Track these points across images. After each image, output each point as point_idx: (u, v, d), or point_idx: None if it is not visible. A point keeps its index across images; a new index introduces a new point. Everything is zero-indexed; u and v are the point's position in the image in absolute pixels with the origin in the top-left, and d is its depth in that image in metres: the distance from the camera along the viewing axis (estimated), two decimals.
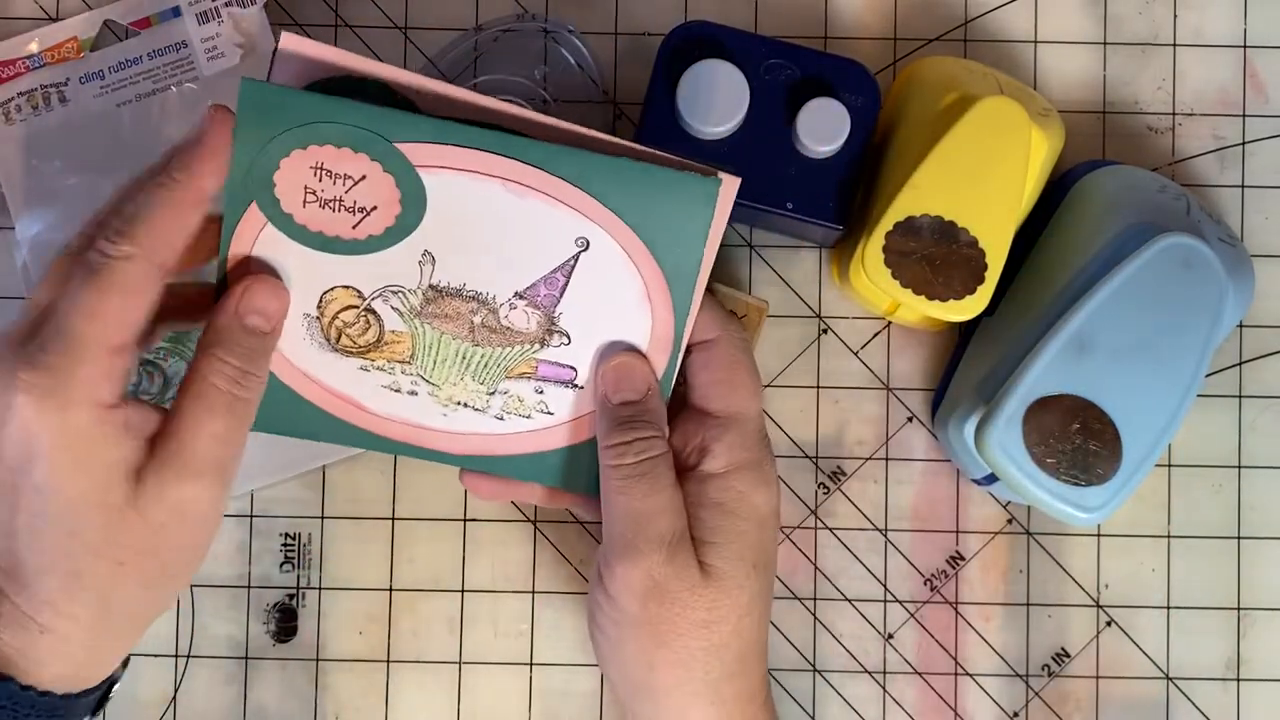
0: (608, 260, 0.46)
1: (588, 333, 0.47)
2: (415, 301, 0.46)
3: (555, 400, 0.48)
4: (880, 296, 0.52)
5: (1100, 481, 0.48)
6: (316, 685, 0.56)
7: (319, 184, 0.44)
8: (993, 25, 0.58)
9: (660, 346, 0.47)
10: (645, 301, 0.47)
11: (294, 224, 0.45)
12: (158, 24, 0.57)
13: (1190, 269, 0.49)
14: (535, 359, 0.48)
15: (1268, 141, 0.57)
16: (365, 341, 0.47)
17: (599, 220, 0.45)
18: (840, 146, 0.51)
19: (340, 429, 0.48)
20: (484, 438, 0.49)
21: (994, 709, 0.56)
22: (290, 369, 0.47)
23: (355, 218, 0.45)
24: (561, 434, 0.49)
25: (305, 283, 0.46)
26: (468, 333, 0.47)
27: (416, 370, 0.48)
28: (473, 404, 0.48)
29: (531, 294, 0.46)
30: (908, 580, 0.56)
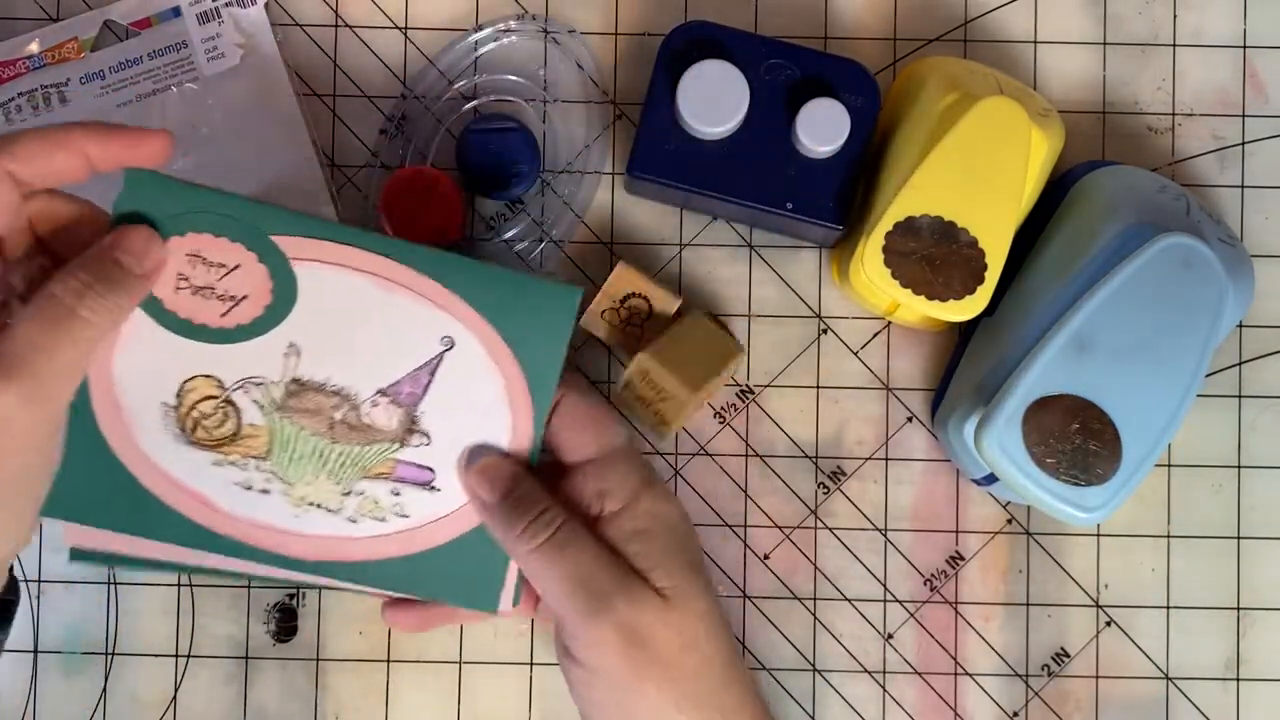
0: (471, 360, 0.47)
1: (448, 433, 0.48)
2: (277, 394, 0.47)
3: (412, 503, 0.48)
4: (880, 296, 0.52)
5: (1100, 481, 0.48)
6: (316, 685, 0.56)
7: (193, 270, 0.45)
8: (993, 25, 0.58)
9: (520, 446, 0.48)
10: (505, 402, 0.47)
11: (163, 309, 0.45)
12: (158, 24, 0.57)
13: (1190, 269, 0.49)
14: (394, 459, 0.47)
15: (1267, 141, 0.57)
16: (221, 434, 0.47)
17: (465, 320, 0.47)
18: (840, 146, 0.51)
19: (186, 529, 0.47)
20: (336, 540, 0.48)
21: (994, 709, 0.56)
22: (139, 458, 0.46)
23: (225, 305, 0.45)
24: (418, 538, 0.48)
25: (166, 371, 0.46)
26: (327, 429, 0.47)
27: (271, 467, 0.47)
28: (326, 504, 0.47)
29: (395, 391, 0.47)
30: (908, 580, 0.56)
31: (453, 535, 0.48)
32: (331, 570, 0.48)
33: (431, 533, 0.48)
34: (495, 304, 0.47)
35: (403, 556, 0.48)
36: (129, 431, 0.46)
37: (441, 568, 0.48)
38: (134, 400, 0.46)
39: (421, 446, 0.47)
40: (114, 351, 0.45)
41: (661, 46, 0.52)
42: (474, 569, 0.48)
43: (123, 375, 0.45)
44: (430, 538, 0.48)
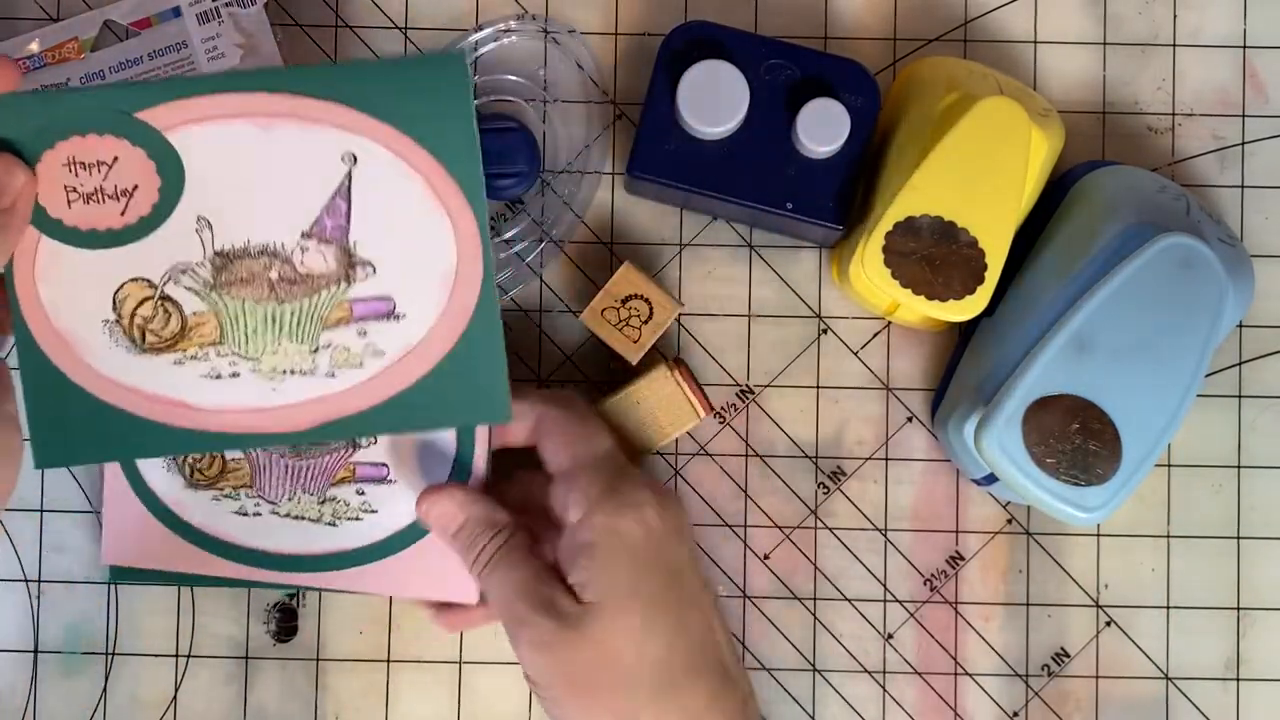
0: (382, 169, 0.44)
1: (392, 256, 0.45)
2: (206, 274, 0.45)
3: (383, 338, 0.46)
4: (880, 296, 0.52)
5: (1100, 481, 0.48)
6: (316, 685, 0.56)
7: (76, 179, 0.44)
8: (993, 25, 0.58)
9: (467, 239, 0.45)
10: (433, 199, 0.45)
11: (64, 228, 0.44)
12: (158, 24, 0.57)
13: (1190, 269, 0.49)
14: (347, 299, 0.45)
15: (1267, 141, 0.57)
16: (170, 333, 0.46)
17: (358, 128, 0.44)
18: (840, 147, 0.51)
19: (174, 437, 0.46)
20: (323, 401, 0.46)
21: (994, 709, 0.56)
22: (105, 383, 0.45)
23: (121, 203, 0.44)
24: (403, 371, 0.46)
25: (95, 287, 0.45)
26: (269, 292, 0.45)
27: (230, 348, 0.46)
28: (298, 368, 0.46)
29: (319, 230, 0.45)
30: (907, 580, 0.56)
31: (436, 359, 0.46)
32: (328, 431, 0.46)
33: (414, 363, 0.46)
34: (381, 100, 0.44)
35: (395, 396, 0.46)
36: (83, 359, 0.45)
37: (438, 394, 0.46)
38: (75, 327, 0.45)
39: (369, 278, 0.45)
40: (37, 286, 0.44)
41: (661, 46, 0.52)
42: (472, 384, 0.46)
43: (53, 306, 0.45)
44: (414, 368, 0.46)
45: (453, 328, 0.46)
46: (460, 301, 0.45)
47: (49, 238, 0.44)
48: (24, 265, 0.44)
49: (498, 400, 0.46)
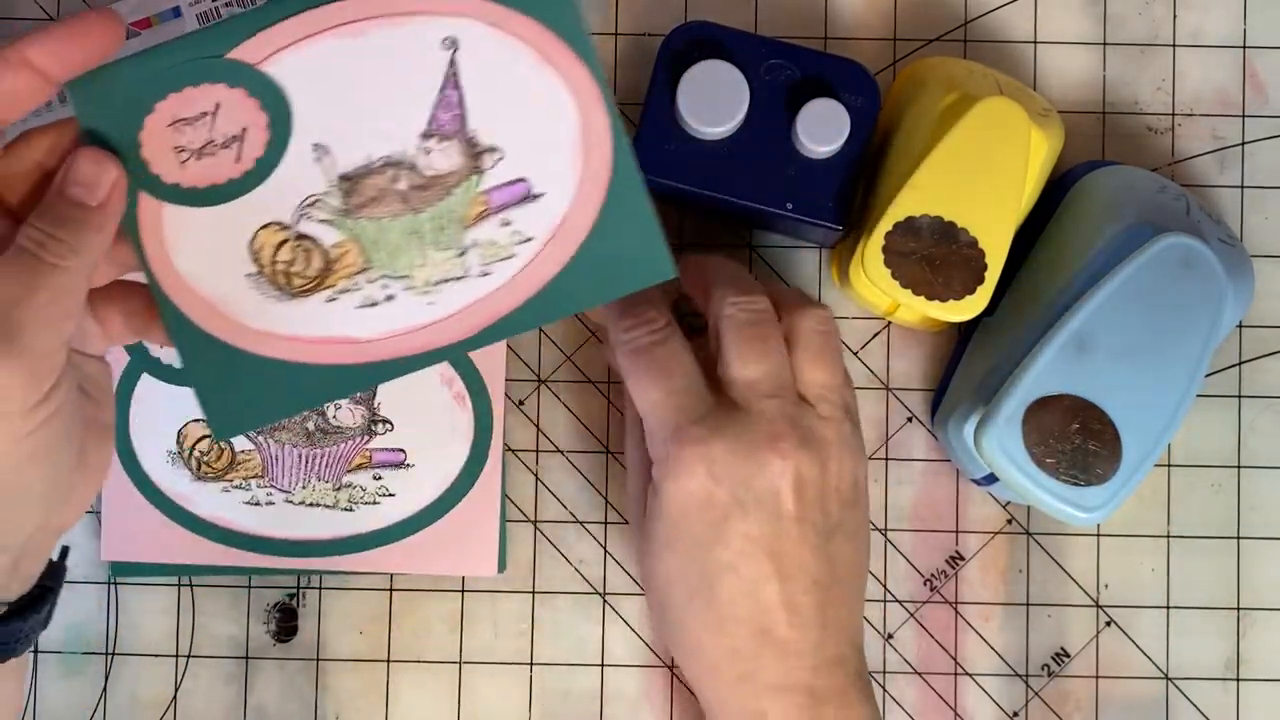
0: (485, 47, 0.42)
1: (515, 135, 0.43)
2: (336, 202, 0.43)
3: (526, 222, 0.43)
4: (880, 296, 0.52)
5: (1100, 481, 0.48)
6: (316, 685, 0.56)
7: (184, 138, 0.42)
8: (993, 25, 0.58)
9: (586, 96, 0.43)
10: (543, 64, 0.42)
11: (184, 190, 0.42)
12: (158, 24, 0.57)
13: (1190, 269, 0.49)
14: (481, 192, 0.43)
15: (1267, 141, 0.57)
16: (314, 271, 0.44)
17: (450, 9, 0.42)
18: (840, 147, 0.51)
19: (346, 376, 0.44)
20: (483, 302, 0.44)
21: (994, 709, 0.56)
22: (264, 338, 0.44)
23: (233, 150, 0.42)
24: (557, 250, 0.44)
25: (229, 243, 0.43)
26: (402, 205, 0.43)
27: (379, 272, 0.44)
28: (451, 275, 0.43)
29: (436, 127, 0.43)
30: (908, 580, 0.56)
31: (587, 229, 0.43)
32: (496, 332, 0.44)
33: (565, 238, 0.43)
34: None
35: (554, 279, 0.44)
36: (236, 320, 0.43)
37: (596, 265, 0.43)
38: (219, 290, 0.43)
39: (499, 164, 0.43)
40: (172, 259, 0.43)
41: (661, 46, 0.52)
42: (628, 245, 0.43)
43: (193, 275, 0.43)
44: (567, 244, 0.43)
45: (594, 192, 0.43)
46: (595, 164, 0.43)
47: (171, 204, 0.42)
48: (154, 243, 0.43)
49: (658, 256, 0.43)
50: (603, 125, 0.43)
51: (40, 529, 0.42)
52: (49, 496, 0.42)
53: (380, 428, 0.54)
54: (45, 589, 0.44)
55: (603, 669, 0.56)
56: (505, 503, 0.56)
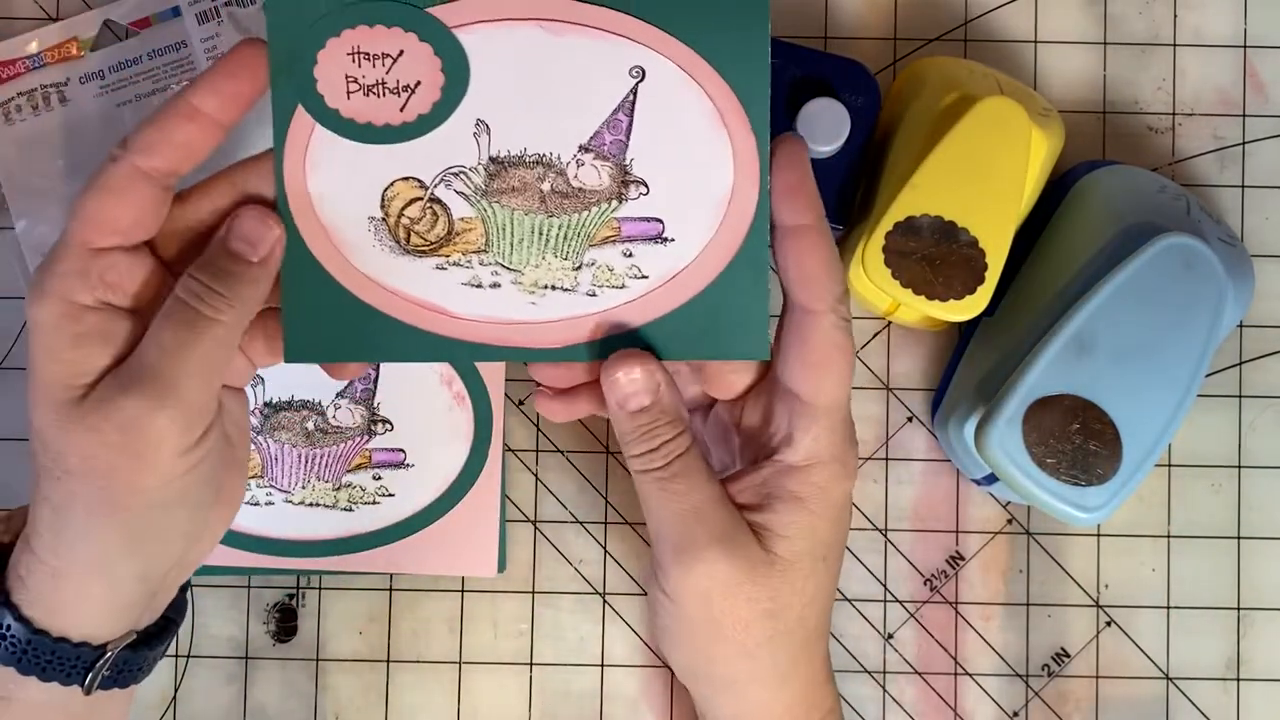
0: (669, 86, 0.43)
1: (667, 177, 0.43)
2: (479, 180, 0.43)
3: (648, 261, 0.44)
4: (880, 296, 0.52)
5: (1100, 481, 0.48)
6: (316, 685, 0.56)
7: (359, 70, 0.42)
8: (993, 25, 0.58)
9: (746, 171, 0.43)
10: (719, 125, 0.43)
11: (341, 119, 0.43)
12: (158, 24, 0.57)
13: (1190, 269, 0.49)
14: (616, 218, 0.44)
15: (1268, 141, 0.57)
16: (436, 236, 0.44)
17: (650, 43, 0.43)
18: (840, 146, 0.51)
19: (428, 343, 0.44)
20: (580, 320, 0.44)
21: (994, 709, 0.56)
22: (365, 282, 0.44)
23: (401, 99, 0.43)
24: (665, 296, 0.44)
25: (363, 183, 0.43)
26: (539, 204, 0.44)
27: (494, 258, 0.44)
28: (560, 284, 0.44)
29: (597, 144, 0.43)
30: (908, 580, 0.56)
31: (700, 286, 0.44)
32: (582, 352, 0.45)
33: (677, 288, 0.44)
34: (677, 15, 0.42)
35: (654, 320, 0.44)
36: (345, 256, 0.44)
37: (698, 323, 0.44)
38: (340, 222, 0.44)
39: (641, 198, 0.44)
40: (306, 176, 0.43)
41: None
42: (733, 316, 0.44)
43: (322, 199, 0.43)
44: (676, 294, 0.44)
45: (721, 256, 0.44)
46: (731, 230, 0.44)
47: (324, 128, 0.43)
48: (295, 154, 0.43)
49: (756, 335, 0.44)
50: (751, 198, 0.43)
51: (178, 564, 0.44)
52: (190, 533, 0.43)
53: (380, 428, 0.55)
54: (169, 620, 0.46)
55: (603, 669, 0.56)
56: (505, 503, 0.56)
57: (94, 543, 0.41)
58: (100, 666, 0.42)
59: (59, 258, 0.41)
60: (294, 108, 0.42)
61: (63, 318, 0.41)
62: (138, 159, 0.41)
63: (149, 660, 0.45)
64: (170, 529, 0.42)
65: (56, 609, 0.41)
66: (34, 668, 0.41)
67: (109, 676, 0.43)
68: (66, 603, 0.41)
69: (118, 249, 0.41)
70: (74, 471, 0.40)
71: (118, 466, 0.40)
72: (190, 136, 0.41)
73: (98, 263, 0.41)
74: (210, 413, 0.42)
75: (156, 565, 0.43)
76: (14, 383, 0.57)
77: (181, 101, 0.41)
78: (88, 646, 0.42)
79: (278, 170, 0.43)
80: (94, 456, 0.40)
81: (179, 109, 0.41)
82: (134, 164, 0.41)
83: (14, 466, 0.57)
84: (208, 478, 0.42)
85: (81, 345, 0.41)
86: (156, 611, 0.45)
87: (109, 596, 0.42)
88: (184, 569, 0.45)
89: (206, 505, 0.43)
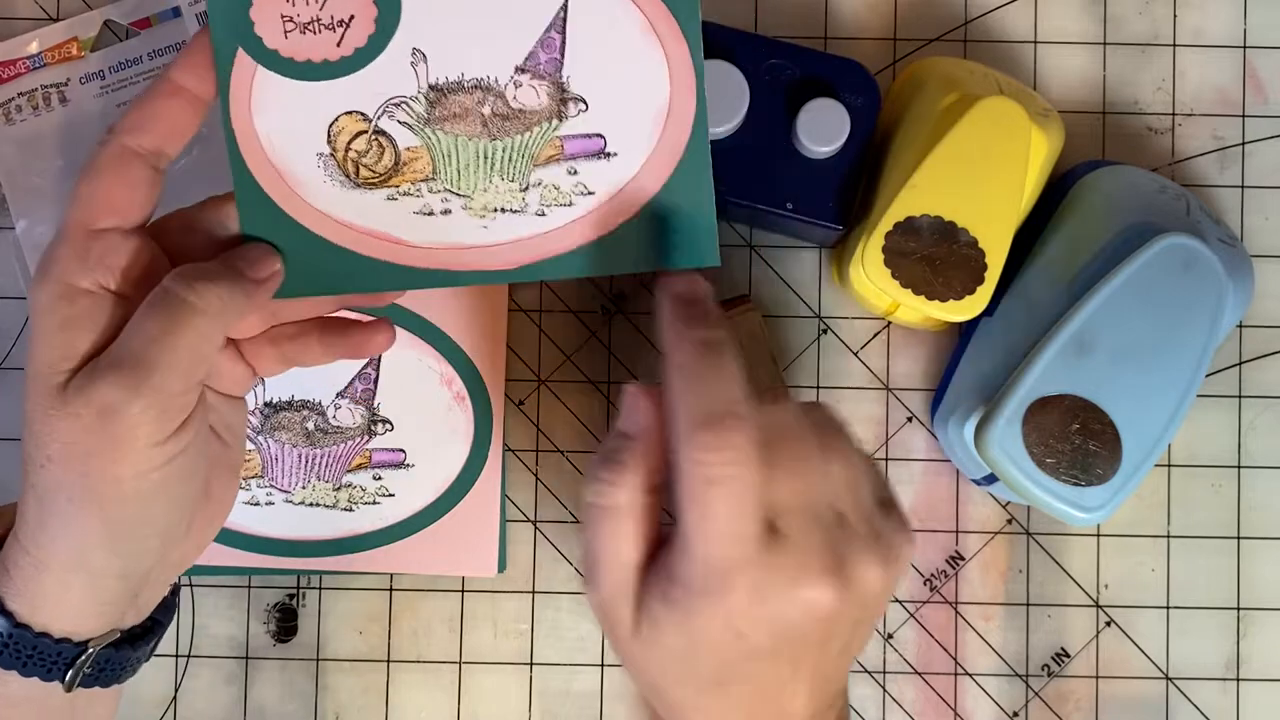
0: (598, 2, 0.43)
1: (604, 92, 0.44)
2: (420, 109, 0.44)
3: (593, 177, 0.45)
4: (880, 296, 0.52)
5: (1100, 481, 0.48)
6: (316, 685, 0.56)
7: (293, 9, 0.43)
8: (993, 25, 0.58)
9: (681, 75, 0.44)
10: (651, 35, 0.43)
11: (280, 58, 0.43)
12: (158, 24, 0.57)
13: (1190, 269, 0.49)
14: (558, 136, 0.45)
15: (1268, 141, 0.57)
16: (384, 167, 0.45)
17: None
18: (840, 147, 0.51)
19: (386, 273, 0.45)
20: (531, 240, 0.45)
21: (994, 709, 0.56)
22: (320, 217, 0.45)
23: (337, 34, 0.43)
24: (612, 211, 0.45)
25: (308, 120, 0.44)
26: (481, 128, 0.44)
27: (443, 185, 0.45)
28: (509, 206, 0.45)
29: (532, 64, 0.44)
30: (908, 580, 0.56)
31: (644, 199, 0.45)
32: (537, 270, 0.45)
33: (623, 202, 0.45)
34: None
35: (603, 235, 0.45)
36: (297, 193, 0.44)
37: (646, 235, 0.45)
38: (290, 160, 0.44)
39: (581, 115, 0.44)
40: (253, 118, 0.44)
41: None
42: (681, 224, 0.45)
43: (268, 139, 0.44)
44: (623, 207, 0.45)
45: (663, 166, 0.45)
46: (671, 140, 0.44)
47: (264, 68, 0.43)
48: (240, 97, 0.44)
49: (705, 242, 0.45)
50: (688, 106, 0.44)
51: (160, 562, 0.44)
52: (171, 530, 0.43)
53: (380, 428, 0.55)
54: (156, 622, 0.46)
55: (603, 669, 0.56)
56: (505, 502, 0.56)
57: (74, 534, 0.41)
58: (81, 664, 0.42)
59: (58, 242, 0.42)
60: (234, 51, 0.43)
61: (58, 299, 0.41)
62: (126, 139, 0.42)
63: (132, 661, 0.45)
64: (149, 523, 0.42)
65: (39, 603, 0.41)
66: (15, 662, 0.41)
67: (90, 675, 0.43)
68: (48, 597, 0.41)
69: (115, 230, 0.42)
70: (55, 459, 0.40)
71: (94, 452, 0.40)
72: (174, 113, 0.42)
73: (96, 245, 0.41)
74: (188, 406, 0.41)
75: (136, 561, 0.42)
76: (14, 383, 0.57)
77: (163, 80, 0.42)
78: (69, 643, 0.42)
79: (224, 114, 0.44)
80: (75, 442, 0.40)
81: (161, 88, 0.42)
82: (123, 143, 0.42)
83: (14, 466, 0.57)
84: (188, 473, 0.42)
85: (70, 328, 0.41)
86: (142, 612, 0.45)
87: (89, 592, 0.42)
88: (168, 568, 0.45)
89: (189, 503, 0.43)
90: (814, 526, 0.40)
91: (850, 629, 0.41)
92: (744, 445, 0.38)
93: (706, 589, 0.39)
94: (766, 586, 0.39)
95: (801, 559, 0.39)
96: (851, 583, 0.40)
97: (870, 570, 0.40)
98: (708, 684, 0.41)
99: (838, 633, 0.41)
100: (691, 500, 0.39)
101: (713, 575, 0.39)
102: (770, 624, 0.40)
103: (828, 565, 0.40)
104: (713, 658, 0.40)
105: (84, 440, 0.40)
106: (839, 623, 0.40)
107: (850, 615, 0.40)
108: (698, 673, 0.41)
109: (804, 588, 0.39)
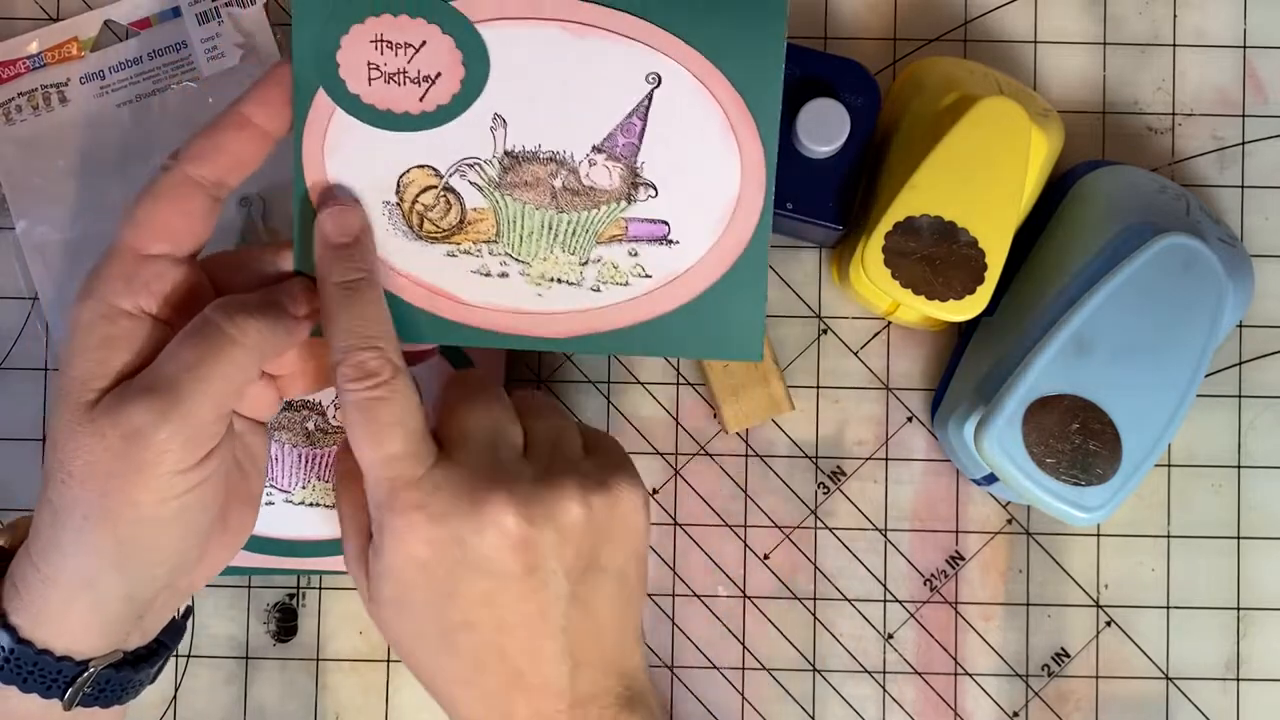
0: (683, 94, 0.44)
1: (675, 181, 0.45)
2: (493, 172, 0.45)
3: (652, 261, 0.45)
4: (880, 296, 0.52)
5: (1100, 481, 0.48)
6: (316, 685, 0.56)
7: (381, 58, 0.43)
8: (993, 25, 0.58)
9: (753, 175, 0.45)
10: (729, 133, 0.44)
11: (362, 104, 0.44)
12: (158, 24, 0.57)
13: (1190, 269, 0.49)
14: (624, 218, 0.45)
15: (1267, 141, 0.57)
16: (448, 224, 0.45)
17: (667, 50, 0.44)
18: (840, 146, 0.51)
19: (438, 326, 0.45)
20: (583, 314, 0.46)
21: (994, 709, 0.56)
22: (379, 265, 0.45)
23: (421, 89, 0.44)
24: (666, 296, 0.46)
25: (380, 168, 0.44)
26: (550, 199, 0.45)
27: (504, 249, 0.45)
28: (566, 278, 0.45)
29: (610, 145, 0.45)
30: (907, 580, 0.56)
31: (701, 288, 0.45)
32: (585, 344, 0.46)
33: (678, 289, 0.46)
34: (695, 24, 0.43)
35: (653, 319, 0.46)
36: None
37: (695, 324, 0.46)
38: None
39: (649, 200, 0.45)
40: (325, 156, 0.44)
41: None
42: (730, 318, 0.46)
43: (338, 179, 0.44)
44: (677, 294, 0.46)
45: (722, 260, 0.45)
46: (734, 236, 0.45)
47: (344, 112, 0.44)
48: (314, 137, 0.44)
49: (752, 338, 0.46)
50: (756, 207, 0.45)
51: (169, 587, 0.43)
52: (184, 557, 0.43)
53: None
54: (161, 644, 0.45)
55: None
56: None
57: (86, 553, 0.40)
58: (81, 683, 0.42)
59: (106, 261, 0.41)
60: (315, 90, 0.43)
61: (100, 318, 0.41)
62: (189, 167, 0.42)
63: (134, 682, 0.44)
64: (161, 549, 0.42)
65: (43, 620, 0.41)
66: (15, 678, 0.41)
67: (90, 694, 0.42)
68: (52, 614, 0.41)
69: (166, 257, 0.42)
70: (76, 475, 0.40)
71: (116, 474, 0.40)
72: (240, 146, 0.42)
73: (145, 269, 0.41)
74: (215, 436, 0.41)
75: (144, 585, 0.42)
76: (14, 383, 0.57)
77: (232, 112, 0.42)
78: (70, 661, 0.41)
79: (296, 150, 0.44)
80: (97, 462, 0.40)
81: (230, 119, 0.42)
82: (185, 172, 0.42)
83: (14, 466, 0.57)
84: (207, 503, 0.42)
85: (107, 347, 0.41)
86: (148, 634, 0.44)
87: (94, 611, 0.41)
88: (176, 593, 0.44)
89: (204, 532, 0.43)
90: (485, 450, 0.43)
91: (564, 566, 0.42)
92: (382, 371, 0.42)
93: (380, 518, 0.42)
94: (440, 505, 0.41)
95: (471, 478, 0.42)
96: (538, 504, 0.42)
97: (563, 496, 0.42)
98: (434, 641, 0.43)
99: (546, 566, 0.42)
100: (350, 433, 0.42)
101: (383, 502, 0.42)
102: (456, 546, 0.41)
103: (503, 483, 0.42)
104: (421, 600, 0.42)
105: (107, 461, 0.40)
106: (538, 552, 0.42)
107: (550, 544, 0.42)
108: (421, 629, 0.43)
109: (482, 506, 0.41)
